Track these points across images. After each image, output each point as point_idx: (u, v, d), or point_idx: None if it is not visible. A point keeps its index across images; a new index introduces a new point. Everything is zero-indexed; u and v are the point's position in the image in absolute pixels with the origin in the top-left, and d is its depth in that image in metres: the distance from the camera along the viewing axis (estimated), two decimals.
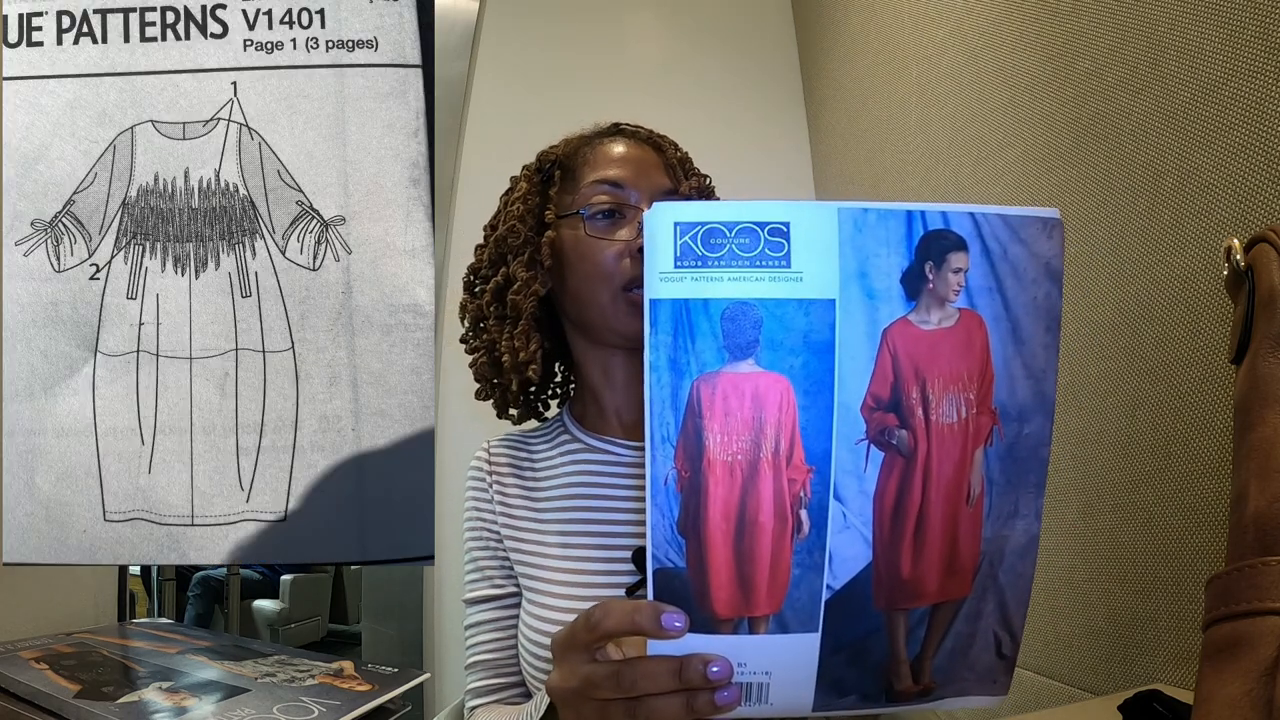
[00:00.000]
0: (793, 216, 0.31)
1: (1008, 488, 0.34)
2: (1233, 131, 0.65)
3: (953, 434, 0.33)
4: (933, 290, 0.32)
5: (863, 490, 0.33)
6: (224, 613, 3.06)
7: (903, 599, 0.34)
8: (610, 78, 1.81)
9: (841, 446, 0.32)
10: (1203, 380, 0.70)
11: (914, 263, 0.32)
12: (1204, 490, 0.71)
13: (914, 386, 0.32)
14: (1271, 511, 0.30)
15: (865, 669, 0.35)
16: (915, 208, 0.31)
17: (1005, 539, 0.34)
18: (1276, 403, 0.31)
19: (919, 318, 0.32)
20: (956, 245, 0.31)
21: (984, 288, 0.32)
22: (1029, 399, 0.33)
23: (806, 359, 0.32)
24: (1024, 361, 0.33)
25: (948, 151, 1.18)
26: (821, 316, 0.31)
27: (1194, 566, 0.72)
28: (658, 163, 0.73)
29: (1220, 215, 0.67)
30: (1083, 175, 0.86)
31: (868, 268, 0.31)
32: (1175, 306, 0.73)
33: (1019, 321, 0.32)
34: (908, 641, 0.35)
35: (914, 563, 0.34)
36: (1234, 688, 0.28)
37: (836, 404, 0.32)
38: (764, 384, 0.32)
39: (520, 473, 0.74)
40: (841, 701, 0.36)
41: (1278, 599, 0.28)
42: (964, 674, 0.36)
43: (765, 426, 0.32)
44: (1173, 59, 0.71)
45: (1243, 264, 0.34)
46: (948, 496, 0.33)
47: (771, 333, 0.32)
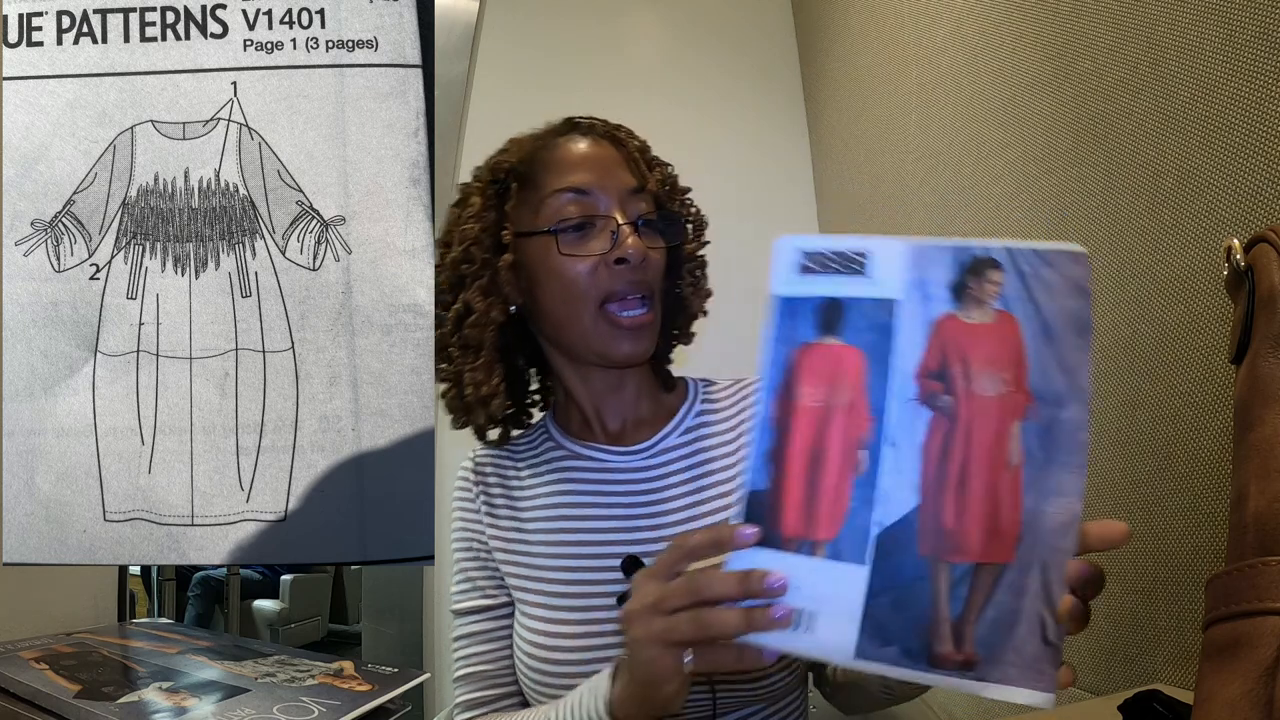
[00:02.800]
0: (869, 246, 0.43)
1: (1047, 463, 0.38)
2: (1233, 131, 0.65)
3: (991, 405, 0.39)
4: (972, 294, 0.40)
5: (913, 441, 0.40)
6: (224, 613, 3.06)
7: (946, 550, 0.39)
8: (610, 78, 1.81)
9: (897, 403, 0.41)
10: (1203, 380, 0.70)
11: (959, 277, 0.41)
12: (1204, 490, 0.71)
13: (957, 363, 0.40)
14: (1271, 511, 0.30)
15: (908, 619, 0.39)
16: (962, 242, 0.41)
17: (1046, 514, 0.38)
18: (1276, 403, 0.31)
19: (963, 313, 0.40)
20: (993, 265, 0.40)
21: (1017, 297, 0.39)
22: (1063, 388, 0.38)
23: (874, 337, 0.42)
24: (1056, 357, 0.39)
25: (948, 151, 1.18)
26: (888, 308, 0.42)
27: (1194, 566, 0.72)
28: (619, 159, 0.69)
29: (1220, 215, 0.67)
30: (1083, 175, 0.86)
31: (925, 278, 0.41)
32: (1175, 306, 0.73)
33: (1049, 324, 0.39)
34: (950, 598, 0.39)
35: (957, 515, 0.39)
36: (1234, 688, 0.28)
37: (895, 370, 0.41)
38: (845, 354, 0.42)
39: (506, 482, 0.72)
40: (884, 652, 0.39)
41: (1278, 599, 0.28)
42: (1009, 655, 0.37)
43: (842, 384, 0.42)
44: (1173, 59, 0.71)
45: (1243, 264, 0.34)
46: (988, 457, 0.39)
47: (852, 319, 0.43)
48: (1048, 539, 0.39)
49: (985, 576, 0.38)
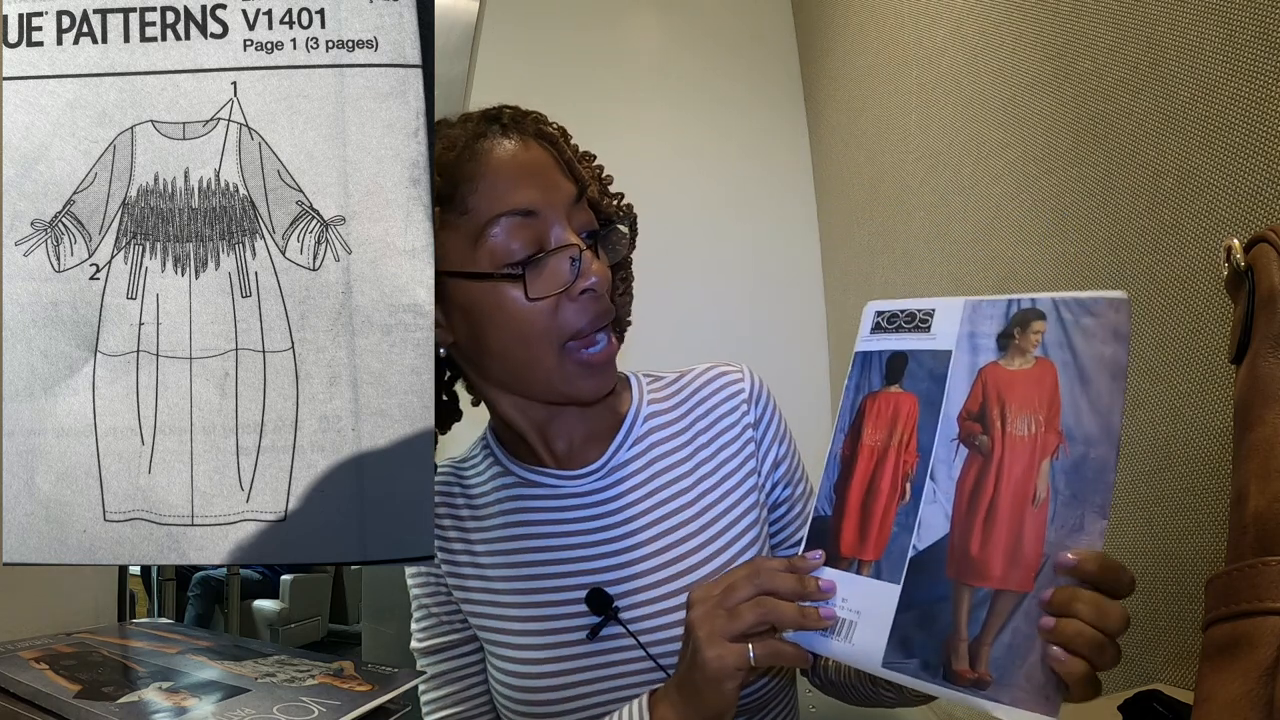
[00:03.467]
0: (938, 306, 0.48)
1: (1072, 501, 0.40)
2: (1233, 131, 0.65)
3: (1023, 443, 0.42)
4: (1016, 344, 0.44)
5: (950, 475, 0.45)
6: (224, 613, 3.06)
7: (969, 574, 0.42)
8: (610, 77, 1.81)
9: (940, 442, 0.45)
10: (1203, 380, 0.70)
11: (1007, 327, 0.45)
12: (1204, 490, 0.71)
13: (996, 407, 0.44)
14: (1271, 511, 0.30)
15: (930, 634, 0.42)
16: (1014, 297, 0.45)
17: (1068, 549, 0.40)
18: (1276, 402, 0.31)
19: (1005, 361, 0.45)
20: (1037, 316, 0.44)
21: (1057, 344, 0.43)
22: (1094, 429, 0.41)
23: (929, 384, 0.47)
24: (1089, 399, 0.41)
25: (948, 151, 1.18)
26: (943, 360, 0.47)
27: (1194, 566, 0.72)
28: (553, 161, 0.59)
29: (1220, 215, 0.67)
30: (1083, 175, 0.86)
31: (976, 330, 0.46)
32: (1175, 306, 0.73)
33: (1085, 368, 0.42)
34: (970, 619, 0.41)
35: (982, 544, 0.42)
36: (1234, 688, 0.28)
37: (942, 414, 0.46)
38: (902, 399, 0.48)
39: (456, 513, 0.67)
40: (906, 664, 0.43)
41: (1278, 599, 0.28)
42: (1020, 680, 0.39)
43: (897, 425, 0.48)
44: (1173, 59, 0.71)
45: (1243, 264, 0.34)
46: (1016, 492, 0.42)
47: (912, 369, 0.48)
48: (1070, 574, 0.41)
49: (1004, 602, 0.41)
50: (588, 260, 0.57)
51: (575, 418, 0.66)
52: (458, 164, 0.57)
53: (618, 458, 0.66)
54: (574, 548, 0.63)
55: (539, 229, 0.57)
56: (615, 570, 0.62)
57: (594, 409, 0.67)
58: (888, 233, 1.44)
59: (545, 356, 0.58)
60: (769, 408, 0.70)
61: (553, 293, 0.56)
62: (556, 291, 0.56)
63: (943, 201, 1.21)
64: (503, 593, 0.63)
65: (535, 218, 0.56)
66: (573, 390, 0.59)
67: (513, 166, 0.57)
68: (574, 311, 0.57)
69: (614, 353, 0.61)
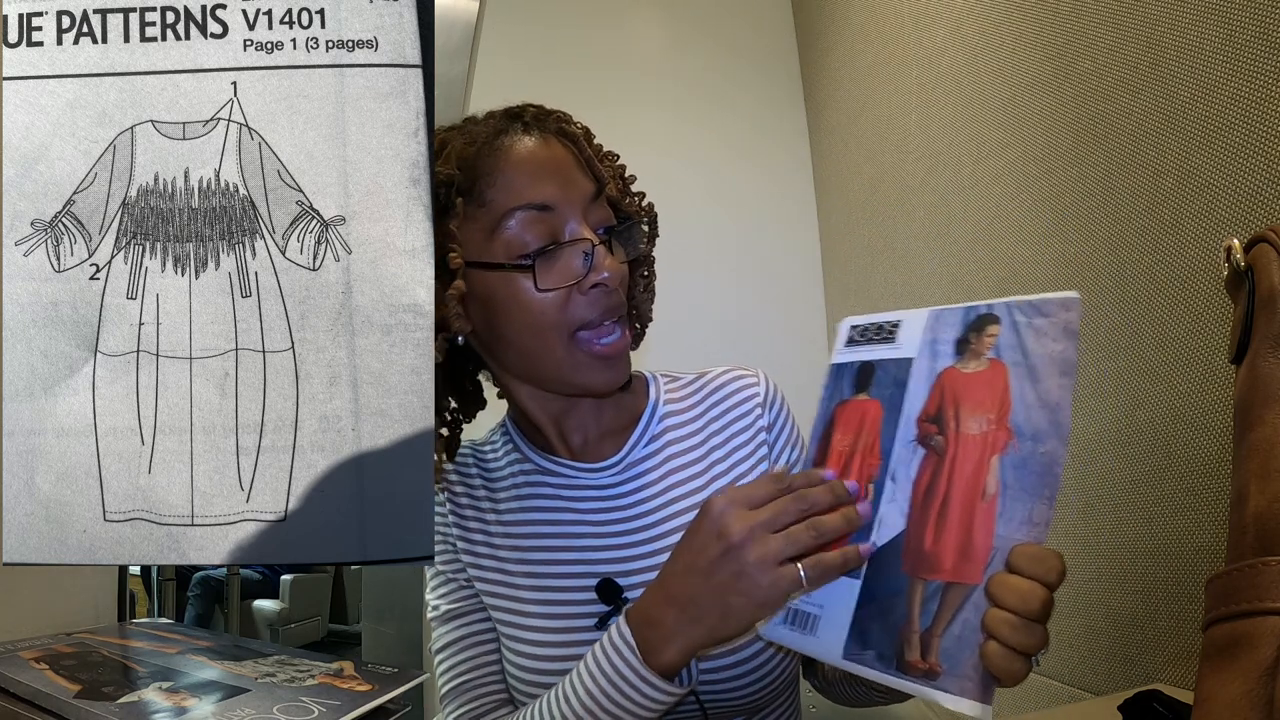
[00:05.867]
0: (905, 318, 0.51)
1: (1021, 494, 0.42)
2: (1233, 131, 0.65)
3: (975, 441, 0.44)
4: (972, 348, 0.46)
5: (908, 475, 0.46)
6: (224, 613, 3.06)
7: (923, 568, 0.44)
8: (610, 77, 1.81)
9: (900, 444, 0.47)
10: (1203, 380, 0.70)
11: (964, 333, 0.47)
12: (1204, 490, 0.71)
13: (951, 408, 0.46)
14: (1271, 511, 0.30)
15: (886, 627, 0.44)
16: (972, 304, 0.47)
17: (1017, 541, 0.41)
18: (1276, 403, 0.31)
19: (961, 365, 0.46)
20: (992, 320, 0.46)
21: (1010, 345, 0.44)
22: (1043, 424, 0.42)
23: (893, 391, 0.49)
24: (1038, 395, 0.42)
25: (948, 151, 1.18)
26: (905, 367, 0.49)
27: (1194, 566, 0.72)
28: (573, 159, 0.60)
29: (1220, 215, 0.67)
30: (1083, 175, 0.86)
31: (937, 337, 0.48)
32: (1175, 306, 0.73)
33: (1035, 367, 0.43)
34: (922, 611, 0.43)
35: (935, 539, 0.44)
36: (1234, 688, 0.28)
37: (903, 417, 0.48)
38: (868, 405, 0.50)
39: (473, 491, 0.68)
40: (863, 655, 0.45)
41: (1278, 599, 0.28)
42: (968, 670, 0.40)
43: (863, 430, 0.50)
44: (1173, 59, 0.71)
45: (1243, 264, 0.34)
46: (967, 488, 0.43)
47: (879, 377, 0.50)
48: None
49: (954, 595, 0.42)
50: (600, 255, 0.58)
51: (591, 412, 0.67)
52: (477, 158, 0.58)
53: (634, 454, 0.67)
54: (587, 536, 0.64)
55: (554, 223, 0.58)
56: (627, 562, 0.63)
57: (610, 405, 0.68)
58: (888, 233, 1.44)
59: (555, 346, 0.58)
60: (783, 413, 0.71)
61: (563, 285, 0.57)
62: (567, 284, 0.57)
63: (943, 201, 1.21)
64: (516, 574, 0.64)
65: (551, 212, 0.58)
66: (583, 380, 0.60)
67: (531, 162, 0.58)
68: (584, 304, 0.58)
69: (625, 345, 0.61)
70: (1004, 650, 0.39)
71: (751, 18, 1.91)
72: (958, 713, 0.40)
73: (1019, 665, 0.39)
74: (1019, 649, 0.39)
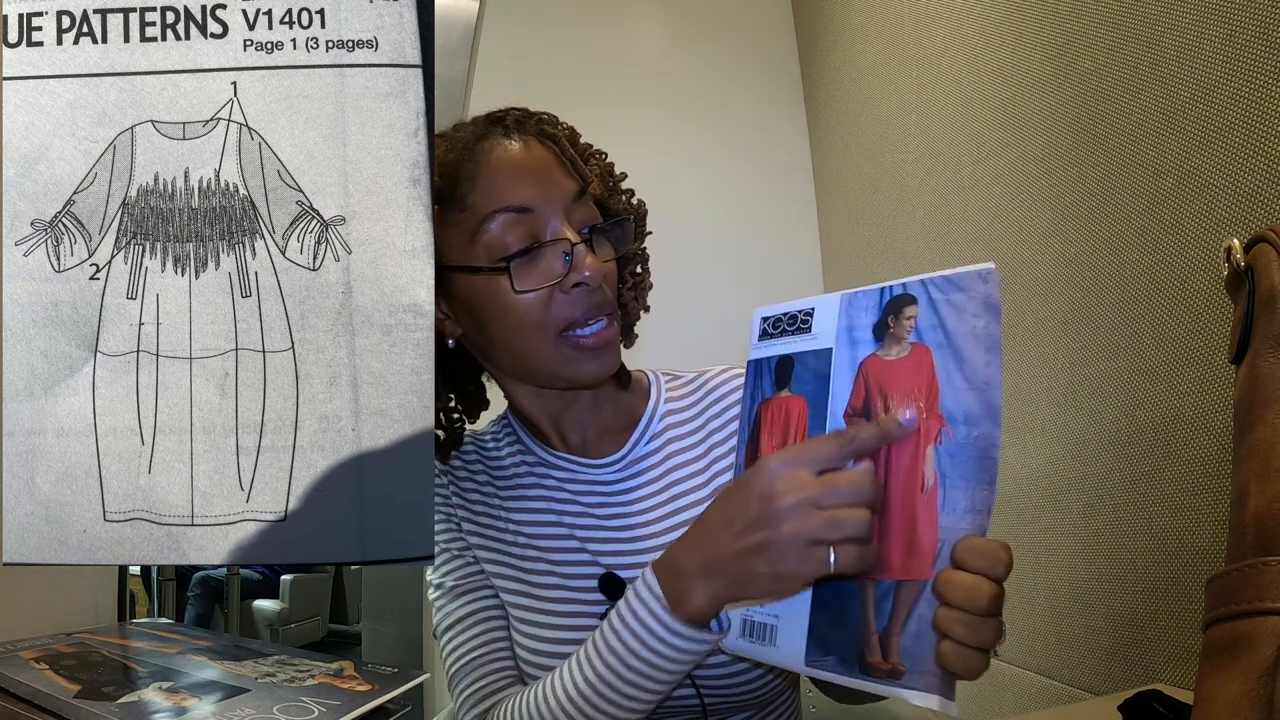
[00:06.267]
0: (817, 305, 0.48)
1: (960, 482, 0.41)
2: (1233, 131, 0.65)
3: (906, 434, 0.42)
4: (892, 333, 0.44)
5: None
6: (224, 613, 3.06)
7: (871, 568, 0.42)
8: (609, 78, 1.81)
9: None
10: (1203, 380, 0.70)
11: (881, 317, 0.45)
12: (1204, 490, 0.71)
13: (879, 399, 0.44)
14: (1271, 511, 0.30)
15: (844, 631, 0.43)
16: (885, 285, 0.45)
17: (962, 531, 0.40)
18: (1276, 403, 0.31)
19: (883, 352, 0.44)
20: (909, 301, 0.44)
21: (930, 326, 0.42)
22: (974, 407, 0.41)
23: (815, 386, 0.47)
24: (966, 377, 0.41)
25: (948, 151, 1.18)
26: (825, 359, 0.47)
27: (1194, 566, 0.72)
28: (554, 160, 0.60)
29: (1220, 215, 0.67)
30: (1083, 175, 0.86)
31: (853, 324, 0.46)
32: (1175, 306, 0.73)
33: (959, 347, 0.41)
34: (876, 612, 0.42)
35: (879, 537, 0.42)
36: (1234, 688, 0.28)
37: (829, 414, 0.46)
38: (792, 403, 0.48)
39: (475, 476, 0.68)
40: (826, 661, 0.44)
41: (1278, 599, 0.28)
42: (930, 666, 0.40)
43: (790, 429, 0.48)
44: (1173, 59, 0.71)
45: (1243, 264, 0.34)
46: (905, 482, 0.42)
47: (799, 372, 0.48)
48: None
49: (906, 592, 0.41)
50: (580, 254, 0.58)
51: (589, 410, 0.68)
52: (459, 164, 0.59)
53: (635, 452, 0.67)
54: (590, 529, 0.64)
55: (534, 225, 0.58)
56: (629, 555, 0.63)
57: (609, 403, 0.69)
58: (888, 233, 1.44)
59: (541, 345, 0.59)
60: None
61: (543, 285, 0.57)
62: (546, 284, 0.57)
63: (943, 201, 1.21)
64: (524, 557, 0.64)
65: (531, 214, 0.58)
66: (571, 373, 0.60)
67: (510, 165, 0.59)
68: (567, 303, 0.58)
69: (612, 336, 0.61)
70: (958, 648, 0.39)
71: (751, 18, 1.91)
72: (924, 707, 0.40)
73: (976, 661, 0.39)
74: (973, 645, 0.38)
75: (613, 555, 0.63)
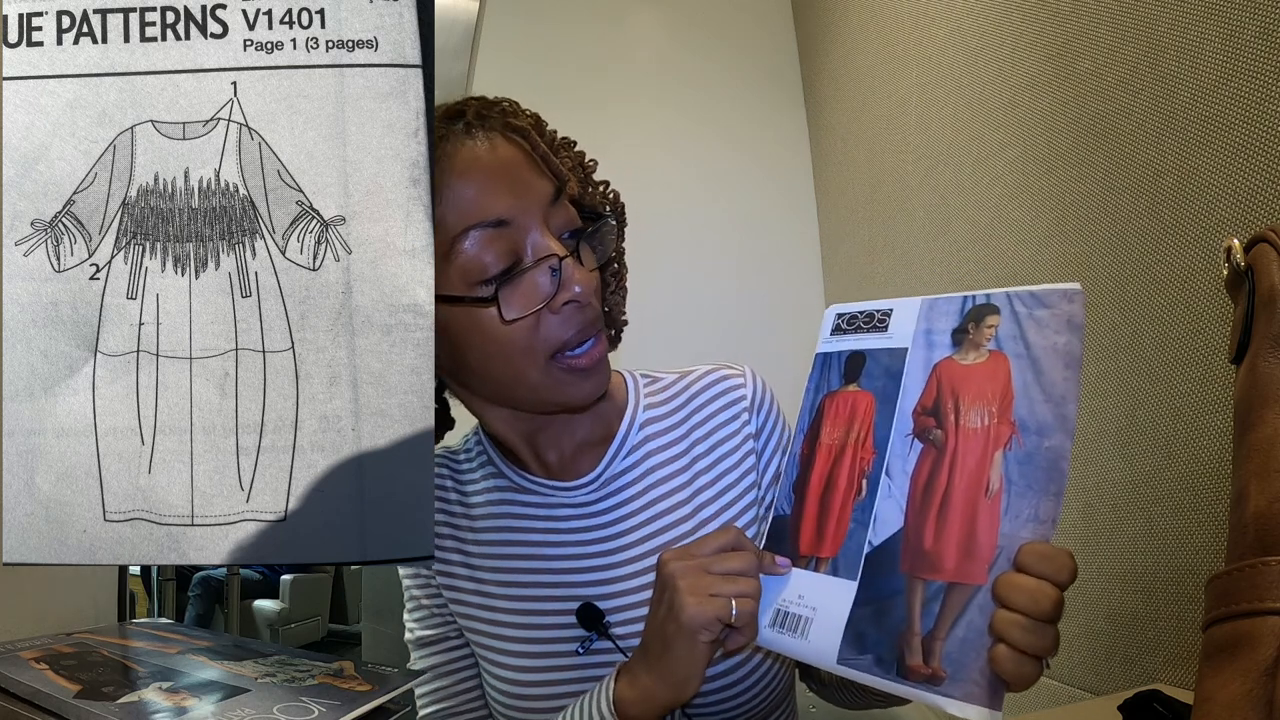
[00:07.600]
0: (895, 306, 0.49)
1: (1027, 490, 0.40)
2: (1233, 131, 0.65)
3: (976, 435, 0.43)
4: (971, 339, 0.45)
5: (905, 470, 0.45)
6: (224, 613, 3.06)
7: (923, 568, 0.42)
8: (609, 78, 1.81)
9: (896, 438, 0.46)
10: (1203, 380, 0.70)
11: (962, 323, 0.45)
12: (1204, 490, 0.71)
13: (950, 400, 0.44)
14: (1271, 511, 0.30)
15: (884, 630, 0.42)
16: (968, 294, 0.46)
17: (1022, 539, 0.40)
18: (1276, 403, 0.31)
19: (959, 356, 0.45)
20: (991, 311, 0.44)
21: (1010, 336, 0.43)
22: (1049, 418, 0.41)
23: (885, 382, 0.48)
24: (1043, 388, 0.41)
25: (948, 151, 1.18)
26: (899, 358, 0.48)
27: (1194, 566, 0.72)
28: (526, 159, 0.54)
29: (1220, 215, 0.67)
30: (1083, 175, 0.86)
31: (932, 327, 0.47)
32: (1175, 306, 0.73)
33: (1038, 360, 0.42)
34: (923, 613, 0.41)
35: (936, 537, 0.42)
36: (1234, 688, 0.28)
37: (898, 410, 0.46)
38: (859, 397, 0.49)
39: (449, 507, 0.65)
40: (860, 660, 0.43)
41: (1278, 599, 0.28)
42: (974, 674, 0.38)
43: (854, 423, 0.48)
44: (1173, 59, 0.71)
45: (1243, 264, 0.34)
46: (969, 484, 0.42)
47: (870, 368, 0.49)
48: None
49: (958, 596, 0.41)
50: (568, 269, 0.52)
51: (565, 427, 0.63)
52: None
53: (612, 468, 0.63)
54: (566, 558, 0.61)
55: (513, 238, 0.52)
56: (607, 584, 0.61)
57: (586, 415, 0.64)
58: (888, 233, 1.44)
59: (530, 371, 0.54)
60: (771, 416, 0.66)
61: (531, 310, 0.52)
62: (535, 309, 0.52)
63: (943, 201, 1.21)
64: (495, 597, 0.62)
65: (508, 226, 0.52)
66: (563, 398, 0.56)
67: (479, 172, 0.52)
68: (557, 324, 0.53)
69: (603, 354, 0.57)
70: (1014, 654, 0.38)
71: (751, 17, 1.91)
72: (963, 718, 0.38)
73: (1030, 668, 0.38)
74: (1030, 651, 0.37)
75: (591, 585, 0.61)
